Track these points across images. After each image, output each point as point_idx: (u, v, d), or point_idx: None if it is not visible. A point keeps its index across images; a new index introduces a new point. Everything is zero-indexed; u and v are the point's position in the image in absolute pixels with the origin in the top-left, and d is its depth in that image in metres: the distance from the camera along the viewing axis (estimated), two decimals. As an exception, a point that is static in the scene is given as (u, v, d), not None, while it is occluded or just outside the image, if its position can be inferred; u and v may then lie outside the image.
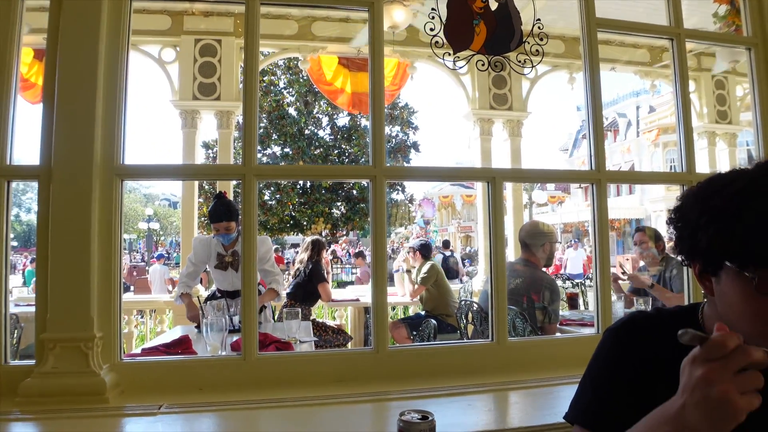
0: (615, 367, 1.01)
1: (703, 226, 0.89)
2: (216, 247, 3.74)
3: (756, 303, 0.85)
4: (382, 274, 1.90)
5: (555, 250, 3.67)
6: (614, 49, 6.07)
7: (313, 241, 5.39)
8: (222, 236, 3.66)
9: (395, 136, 19.37)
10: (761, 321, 0.85)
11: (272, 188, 17.80)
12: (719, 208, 0.87)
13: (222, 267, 3.72)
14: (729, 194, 0.87)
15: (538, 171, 2.30)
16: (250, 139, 1.82)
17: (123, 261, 1.89)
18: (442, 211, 43.36)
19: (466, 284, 6.15)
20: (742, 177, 0.89)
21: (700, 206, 0.91)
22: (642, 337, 1.00)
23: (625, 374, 0.99)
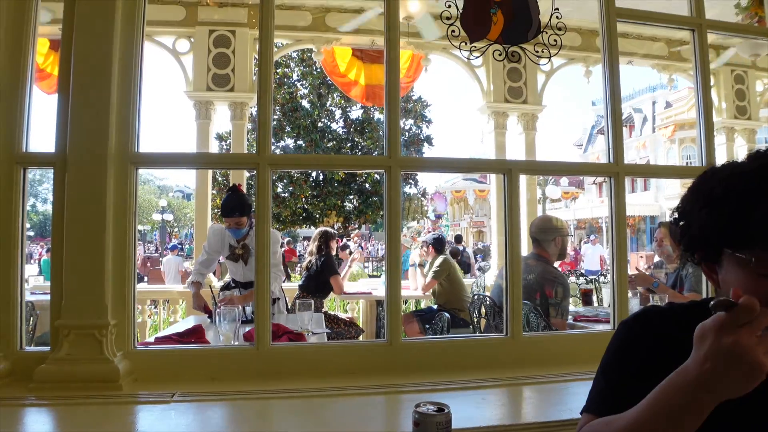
0: (625, 357, 1.01)
1: (696, 213, 0.92)
2: (229, 239, 3.76)
3: (756, 285, 0.85)
4: (396, 266, 1.89)
5: (567, 245, 3.62)
6: (631, 43, 5.99)
7: (321, 233, 5.38)
8: (232, 231, 3.66)
9: (408, 129, 19.29)
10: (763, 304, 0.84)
11: (285, 180, 17.84)
12: (708, 193, 0.90)
13: (233, 258, 3.74)
14: (717, 179, 0.90)
15: (555, 163, 2.27)
16: (265, 127, 1.81)
17: (137, 250, 1.89)
18: (454, 206, 43.26)
19: (479, 279, 6.13)
20: (730, 164, 0.92)
21: (693, 195, 0.95)
22: (654, 329, 1.01)
23: (635, 363, 0.99)
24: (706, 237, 0.91)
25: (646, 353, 0.99)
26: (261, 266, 1.77)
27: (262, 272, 1.77)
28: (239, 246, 3.74)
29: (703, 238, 0.92)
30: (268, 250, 1.77)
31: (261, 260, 1.77)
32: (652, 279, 3.74)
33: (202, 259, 3.83)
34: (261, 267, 1.77)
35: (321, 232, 5.41)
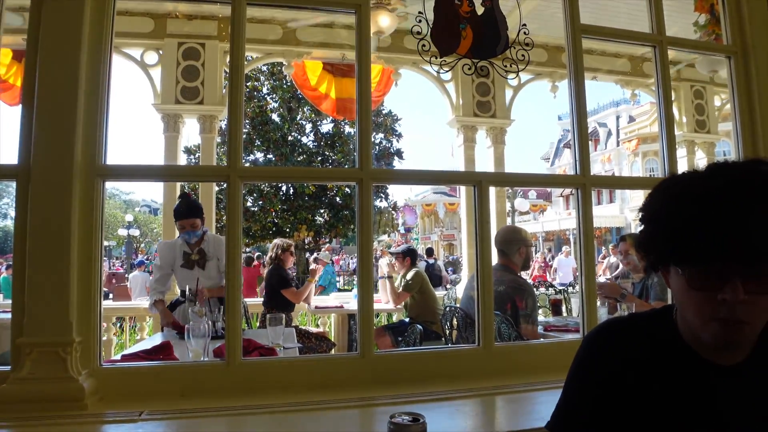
0: (586, 375, 1.04)
1: (645, 225, 0.99)
2: (181, 248, 3.77)
3: (691, 297, 0.92)
4: (368, 279, 1.88)
5: (531, 255, 3.68)
6: (595, 59, 6.16)
7: (274, 244, 5.34)
8: (188, 234, 3.70)
9: (379, 143, 19.34)
10: (699, 314, 0.92)
11: (255, 194, 17.67)
12: (655, 209, 0.97)
13: (188, 266, 3.73)
14: (662, 198, 0.96)
15: (524, 175, 2.31)
16: (236, 139, 1.80)
17: (103, 266, 1.85)
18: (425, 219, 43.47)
19: (450, 291, 6.16)
20: (682, 177, 0.97)
21: (645, 206, 1.00)
22: (615, 343, 1.03)
23: (595, 381, 1.02)
24: (650, 247, 0.98)
25: (607, 372, 1.01)
26: (231, 279, 1.75)
27: (233, 285, 1.75)
28: (194, 252, 3.73)
29: (648, 247, 0.98)
30: (238, 264, 1.75)
31: (231, 273, 1.75)
32: (620, 289, 3.82)
33: (157, 276, 3.83)
34: (231, 280, 1.75)
35: (274, 243, 5.37)
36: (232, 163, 1.77)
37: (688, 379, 0.96)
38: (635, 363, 0.99)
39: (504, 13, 2.09)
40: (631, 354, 1.00)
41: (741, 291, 0.87)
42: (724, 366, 0.96)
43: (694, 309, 0.93)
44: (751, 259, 0.85)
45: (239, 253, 1.77)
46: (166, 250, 3.84)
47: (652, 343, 1.01)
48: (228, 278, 1.77)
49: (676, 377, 0.97)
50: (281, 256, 5.20)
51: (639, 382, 0.98)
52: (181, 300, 3.82)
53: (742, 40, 2.35)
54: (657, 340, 1.01)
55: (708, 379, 0.95)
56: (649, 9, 2.26)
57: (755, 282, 0.87)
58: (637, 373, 0.99)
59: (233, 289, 1.75)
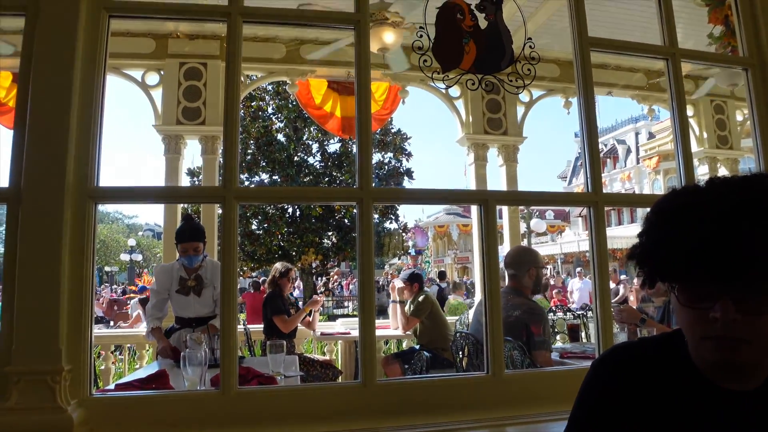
0: (592, 402, 1.03)
1: (638, 238, 1.00)
2: (178, 272, 3.78)
3: (684, 314, 0.92)
4: (370, 303, 1.87)
5: (542, 277, 3.64)
6: (610, 74, 6.18)
7: (275, 268, 5.36)
8: (188, 258, 3.71)
9: (388, 162, 19.42)
10: (692, 331, 0.93)
11: (260, 217, 17.74)
12: (647, 225, 0.98)
13: (184, 292, 3.74)
14: (653, 212, 0.98)
15: (532, 193, 2.30)
16: (231, 159, 1.81)
17: (102, 293, 1.85)
18: (438, 242, 43.37)
19: (463, 317, 6.11)
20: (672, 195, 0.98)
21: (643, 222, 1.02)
22: (621, 369, 1.03)
23: (601, 408, 1.01)
24: (641, 262, 0.98)
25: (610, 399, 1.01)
26: (227, 304, 1.74)
27: (228, 310, 1.75)
28: (191, 278, 3.74)
29: (639, 261, 0.99)
30: (234, 289, 1.75)
31: (227, 299, 1.75)
32: (639, 314, 3.77)
33: (154, 302, 3.83)
34: (227, 305, 1.74)
35: (274, 267, 5.38)
36: (228, 184, 1.78)
37: (695, 405, 0.94)
38: (642, 389, 0.98)
39: (511, 29, 2.11)
40: (638, 380, 0.99)
41: (732, 310, 0.85)
42: (736, 391, 0.93)
43: (686, 326, 0.94)
44: (739, 276, 0.84)
45: (235, 276, 1.77)
46: (162, 274, 3.85)
47: (661, 368, 0.99)
48: (224, 302, 1.77)
49: (683, 403, 0.95)
50: (279, 281, 5.19)
51: (645, 409, 0.97)
52: (176, 327, 3.82)
53: (758, 51, 2.34)
54: (666, 364, 0.99)
55: (717, 406, 0.93)
56: (659, 21, 2.27)
57: (753, 300, 0.85)
58: (643, 400, 0.98)
59: (229, 314, 1.75)
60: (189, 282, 3.73)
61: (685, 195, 0.95)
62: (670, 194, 0.99)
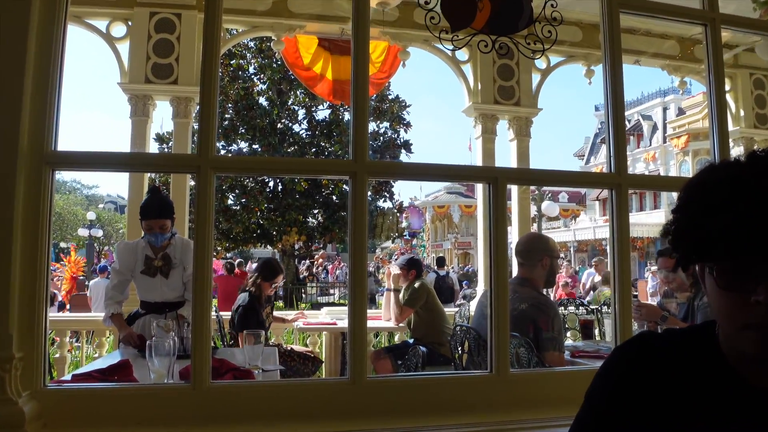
0: (612, 389, 1.05)
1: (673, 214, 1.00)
2: (144, 251, 3.77)
3: (721, 299, 0.92)
4: (361, 290, 1.87)
5: (556, 268, 3.65)
6: (639, 40, 6.14)
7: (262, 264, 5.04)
8: (155, 236, 3.70)
9: (383, 133, 19.36)
10: (730, 319, 0.93)
11: (237, 191, 17.69)
12: (684, 198, 0.98)
13: (149, 273, 3.73)
14: (691, 185, 0.98)
15: (548, 172, 2.29)
16: (208, 124, 1.80)
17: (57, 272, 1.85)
18: (436, 224, 43.46)
19: (463, 308, 6.14)
20: (712, 168, 0.98)
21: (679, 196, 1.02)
22: (647, 357, 1.05)
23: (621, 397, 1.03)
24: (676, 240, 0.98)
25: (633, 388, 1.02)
26: (200, 287, 1.74)
27: (202, 294, 1.74)
28: (158, 258, 3.73)
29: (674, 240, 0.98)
30: (209, 269, 1.74)
31: (200, 280, 1.74)
32: (660, 311, 3.80)
33: (114, 282, 3.82)
34: (200, 288, 1.74)
35: (262, 263, 5.10)
36: (203, 152, 1.77)
37: (723, 402, 0.96)
38: (666, 379, 1.00)
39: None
40: (663, 368, 1.01)
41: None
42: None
43: (724, 314, 0.94)
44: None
45: (210, 256, 1.77)
46: (126, 252, 3.84)
47: (688, 359, 1.01)
48: (196, 285, 1.77)
49: (710, 399, 0.96)
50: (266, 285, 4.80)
51: (667, 400, 0.98)
52: (140, 312, 3.81)
53: (809, 18, 2.34)
54: (694, 356, 1.01)
55: (747, 405, 0.94)
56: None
57: None
58: (666, 390, 0.99)
59: (202, 298, 1.75)
60: (155, 262, 3.72)
61: (726, 168, 0.94)
62: (708, 167, 0.99)
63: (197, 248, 1.77)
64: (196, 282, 1.75)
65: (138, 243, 3.85)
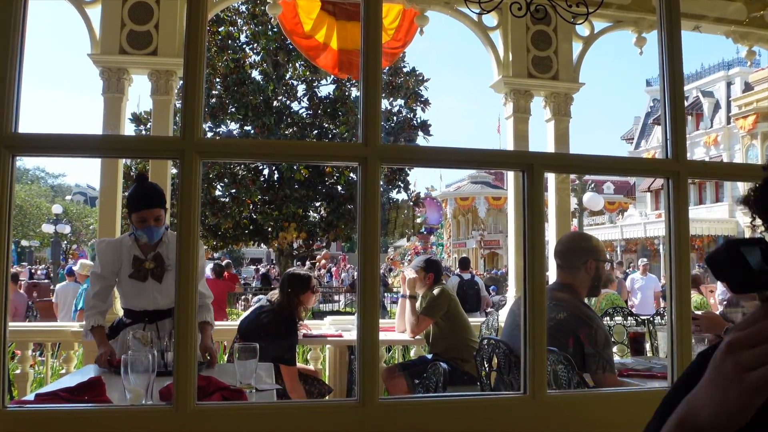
0: None
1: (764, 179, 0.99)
2: (130, 250, 3.70)
3: None
4: (372, 298, 1.87)
5: (603, 273, 3.64)
6: (700, 2, 6.08)
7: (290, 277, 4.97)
8: (148, 231, 3.62)
9: (397, 112, 19.33)
10: None
11: (226, 180, 17.74)
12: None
13: (140, 276, 3.67)
14: None
15: (591, 158, 2.28)
16: (194, 102, 1.79)
17: (18, 274, 1.86)
18: (458, 219, 43.51)
19: (491, 318, 6.13)
20: None
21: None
22: None
23: None
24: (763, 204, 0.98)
25: None
26: (184, 292, 1.74)
27: (186, 300, 1.75)
28: (149, 258, 3.67)
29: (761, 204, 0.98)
30: (194, 270, 1.74)
31: (184, 284, 1.75)
32: (724, 322, 3.77)
33: (96, 290, 3.69)
34: (184, 293, 1.74)
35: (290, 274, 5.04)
36: (188, 134, 1.77)
37: None
38: None
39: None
40: None
41: None
42: None
43: None
44: None
45: (196, 254, 1.77)
46: (108, 252, 3.75)
47: None
48: (180, 291, 1.77)
49: None
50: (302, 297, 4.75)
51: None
52: (125, 321, 3.76)
53: None
54: None
55: None
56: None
57: None
58: None
59: (187, 305, 1.75)
60: (146, 264, 3.67)
61: None
62: None
63: (180, 247, 1.78)
64: (180, 287, 1.75)
65: (122, 241, 3.79)
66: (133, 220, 3.69)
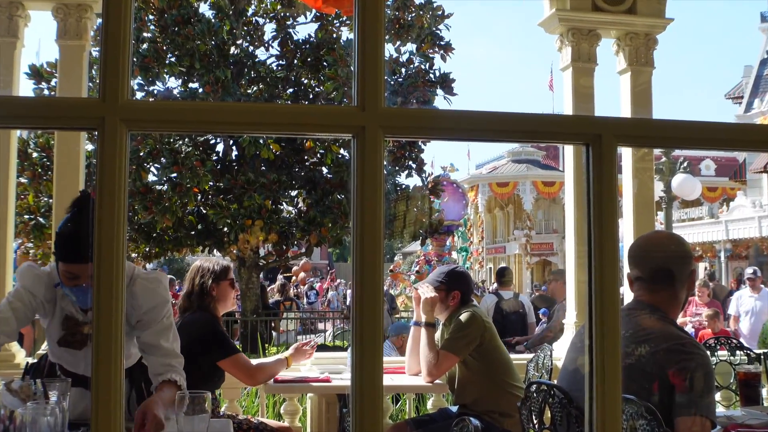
0: None
1: None
2: (63, 303, 3.68)
3: None
4: (374, 328, 1.87)
5: (694, 285, 3.68)
6: None
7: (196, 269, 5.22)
8: (78, 291, 3.56)
9: (407, 62, 19.26)
10: None
11: (164, 160, 17.71)
12: None
13: (74, 344, 3.67)
14: None
15: (682, 125, 2.26)
16: (116, 50, 1.80)
17: None
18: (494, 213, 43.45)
19: (542, 355, 6.15)
20: None
21: None
22: None
23: None
24: None
25: None
26: (105, 324, 1.74)
27: (107, 334, 1.75)
28: (89, 320, 3.66)
29: None
30: (120, 290, 1.75)
31: (105, 313, 1.75)
32: None
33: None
34: (105, 326, 1.74)
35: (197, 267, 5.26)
36: (109, 94, 1.77)
37: None
38: None
39: None
40: None
41: None
42: None
43: None
44: None
45: (121, 271, 1.77)
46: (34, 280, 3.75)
47: None
48: (100, 320, 1.77)
49: None
50: (215, 289, 5.06)
51: None
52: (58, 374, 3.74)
53: None
54: None
55: None
56: None
57: None
58: None
59: (107, 340, 1.75)
60: (85, 328, 3.66)
61: None
62: None
63: (99, 255, 1.78)
64: (100, 315, 1.75)
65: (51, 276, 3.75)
66: (59, 270, 3.64)
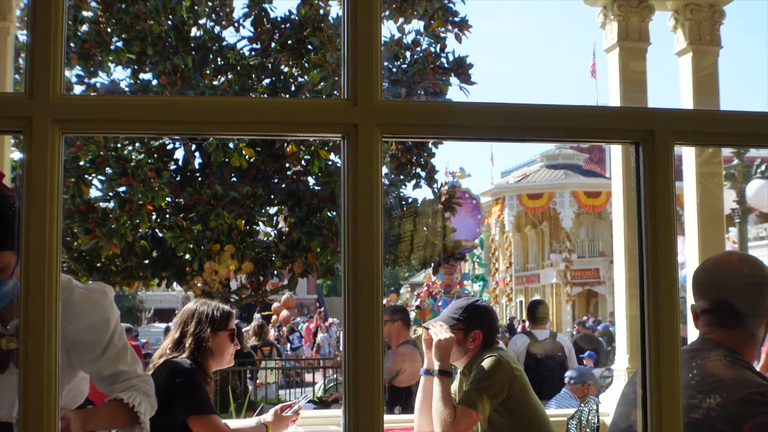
0: None
1: None
2: None
3: None
4: (372, 377, 1.88)
5: None
6: None
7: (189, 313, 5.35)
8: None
9: (414, 43, 19.32)
10: None
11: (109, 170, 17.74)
12: None
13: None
14: None
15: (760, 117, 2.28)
16: (48, 33, 1.81)
17: None
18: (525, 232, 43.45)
19: (587, 409, 6.17)
20: None
21: None
22: None
23: None
24: None
25: None
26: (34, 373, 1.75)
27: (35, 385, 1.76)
28: (8, 332, 3.69)
29: None
30: (54, 328, 1.76)
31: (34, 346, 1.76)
32: None
33: None
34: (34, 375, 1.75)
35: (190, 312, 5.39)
36: (39, 89, 1.79)
37: None
38: None
39: None
40: None
41: None
42: None
43: None
44: None
45: (55, 309, 1.78)
46: None
47: None
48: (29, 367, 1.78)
49: None
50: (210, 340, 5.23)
51: None
52: None
53: None
54: None
55: None
56: None
57: None
58: None
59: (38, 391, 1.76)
60: (3, 344, 3.68)
61: None
62: None
63: (27, 294, 1.78)
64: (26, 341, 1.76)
65: None
66: None
